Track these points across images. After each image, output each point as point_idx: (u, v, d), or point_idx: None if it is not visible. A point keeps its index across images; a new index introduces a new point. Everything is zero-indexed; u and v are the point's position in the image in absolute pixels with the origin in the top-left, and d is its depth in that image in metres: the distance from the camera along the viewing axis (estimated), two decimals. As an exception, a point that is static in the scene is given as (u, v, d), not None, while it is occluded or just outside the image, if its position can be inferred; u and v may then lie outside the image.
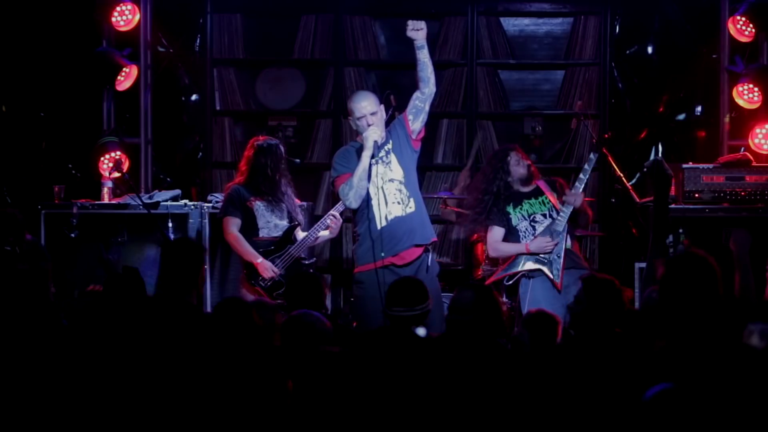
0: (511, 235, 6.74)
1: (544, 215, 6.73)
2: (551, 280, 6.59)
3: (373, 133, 6.01)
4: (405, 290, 5.08)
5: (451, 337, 4.63)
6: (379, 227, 6.05)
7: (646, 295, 4.68)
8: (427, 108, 6.18)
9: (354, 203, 6.08)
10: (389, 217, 6.07)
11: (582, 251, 8.56)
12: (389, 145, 6.15)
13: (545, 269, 6.62)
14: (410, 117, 6.18)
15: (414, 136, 6.19)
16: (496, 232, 6.77)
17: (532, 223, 6.71)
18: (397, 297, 5.05)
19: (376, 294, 5.82)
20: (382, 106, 6.22)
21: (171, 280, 4.97)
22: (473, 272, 8.07)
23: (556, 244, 6.58)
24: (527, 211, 6.74)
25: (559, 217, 6.63)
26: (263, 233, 6.97)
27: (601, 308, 4.60)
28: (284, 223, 7.01)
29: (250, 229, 6.96)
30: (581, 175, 6.68)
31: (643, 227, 7.53)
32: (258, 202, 6.97)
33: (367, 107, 6.08)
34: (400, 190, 6.11)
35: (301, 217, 7.16)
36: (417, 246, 6.11)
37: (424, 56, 6.11)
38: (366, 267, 6.08)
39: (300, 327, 4.63)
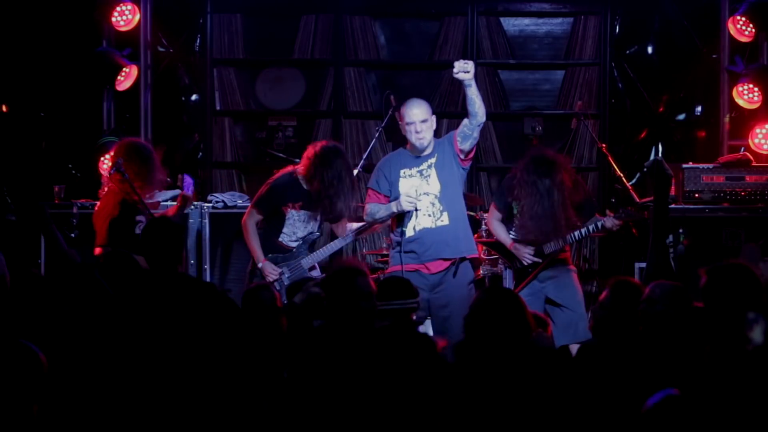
0: (507, 221, 6.79)
1: None
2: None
3: (409, 204, 6.17)
4: (386, 287, 5.16)
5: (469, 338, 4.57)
6: (407, 236, 6.24)
7: (649, 289, 4.69)
8: (476, 134, 6.27)
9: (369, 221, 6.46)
10: (417, 228, 6.22)
11: (582, 250, 8.57)
12: (433, 159, 6.27)
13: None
14: (459, 138, 6.26)
15: (463, 156, 6.30)
16: (496, 213, 6.83)
17: None
18: (382, 293, 5.15)
19: None
20: (434, 117, 6.31)
21: (159, 257, 5.04)
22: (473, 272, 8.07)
23: (533, 263, 6.61)
24: None
25: (554, 242, 6.61)
26: (283, 239, 6.83)
27: (627, 311, 4.61)
28: (305, 235, 6.81)
29: (274, 229, 6.83)
30: (586, 229, 6.67)
31: (643, 227, 7.53)
32: (293, 211, 6.74)
33: (418, 115, 6.21)
34: (433, 204, 6.24)
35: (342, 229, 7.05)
36: (444, 260, 6.23)
37: (472, 93, 6.17)
38: (394, 268, 6.25)
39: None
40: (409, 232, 6.23)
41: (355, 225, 6.90)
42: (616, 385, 4.21)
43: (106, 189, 7.04)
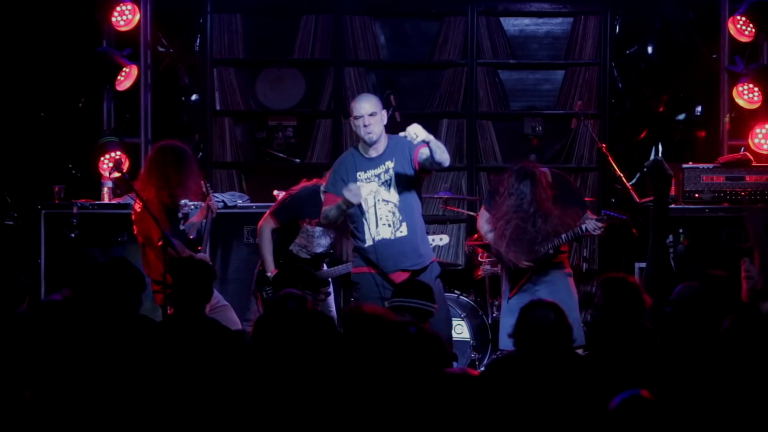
0: None
1: None
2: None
3: (353, 196, 5.86)
4: (408, 287, 5.15)
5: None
6: (365, 245, 6.04)
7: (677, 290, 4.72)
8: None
9: (325, 226, 6.44)
10: (377, 239, 6.01)
11: (582, 250, 8.57)
12: (391, 164, 6.06)
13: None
14: (419, 159, 6.02)
15: (420, 169, 6.08)
16: (486, 215, 6.77)
17: None
18: (399, 291, 5.19)
19: (375, 294, 5.89)
20: (384, 112, 6.12)
21: (185, 298, 4.87)
22: (473, 272, 8.08)
23: (528, 266, 6.62)
24: None
25: (547, 243, 6.64)
26: (293, 248, 6.89)
27: (622, 307, 4.60)
28: (319, 252, 6.94)
29: (287, 236, 6.89)
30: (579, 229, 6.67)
31: (643, 227, 7.53)
32: (308, 227, 6.87)
33: (366, 108, 5.98)
34: (393, 213, 6.04)
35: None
36: (404, 271, 6.03)
37: (433, 146, 5.84)
38: (360, 269, 6.10)
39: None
40: (368, 241, 6.03)
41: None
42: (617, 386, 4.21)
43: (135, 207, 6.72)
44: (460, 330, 7.64)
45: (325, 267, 6.91)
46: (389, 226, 6.03)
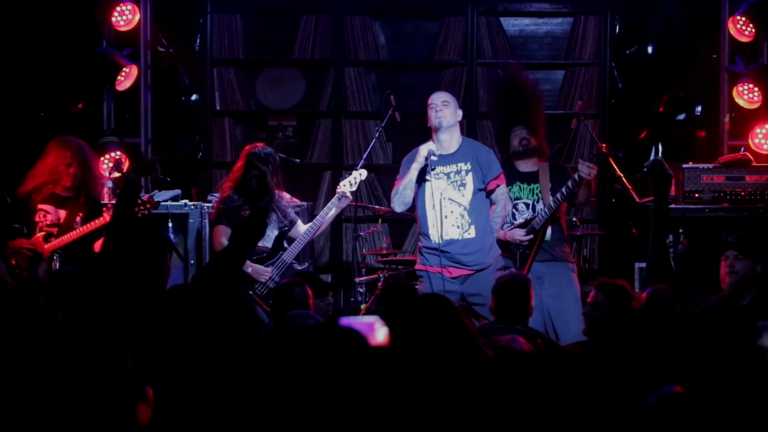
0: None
1: (527, 205, 6.80)
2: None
3: (426, 146, 6.25)
4: (392, 296, 5.14)
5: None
6: (434, 242, 6.30)
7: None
8: None
9: (397, 208, 6.41)
10: (445, 238, 6.29)
11: (582, 250, 8.57)
12: (465, 165, 6.33)
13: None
14: (490, 189, 6.42)
15: (488, 191, 6.43)
16: None
17: (514, 210, 6.79)
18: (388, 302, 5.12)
19: (440, 290, 6.15)
20: (460, 111, 6.44)
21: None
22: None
23: (529, 240, 6.66)
24: (514, 194, 6.81)
25: (542, 212, 6.67)
26: (259, 243, 6.96)
27: (621, 313, 4.62)
28: (276, 233, 7.01)
29: None
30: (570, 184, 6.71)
31: (643, 227, 7.53)
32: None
33: (439, 97, 6.38)
34: (462, 216, 6.30)
35: (293, 217, 7.11)
36: (464, 266, 6.30)
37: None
38: (424, 267, 6.36)
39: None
40: (436, 239, 6.30)
41: (305, 226, 7.02)
42: (615, 386, 4.21)
43: None
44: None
45: (285, 244, 6.98)
46: (458, 227, 6.30)
